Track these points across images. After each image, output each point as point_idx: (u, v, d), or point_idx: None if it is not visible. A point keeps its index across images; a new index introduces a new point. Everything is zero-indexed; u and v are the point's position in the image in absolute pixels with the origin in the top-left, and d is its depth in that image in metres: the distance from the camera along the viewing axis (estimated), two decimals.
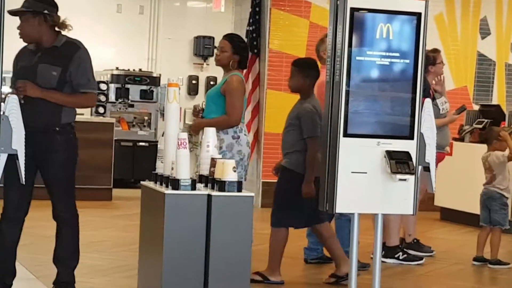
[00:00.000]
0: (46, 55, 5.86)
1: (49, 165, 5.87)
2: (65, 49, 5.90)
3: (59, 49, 5.88)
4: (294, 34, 11.45)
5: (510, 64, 12.51)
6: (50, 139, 5.84)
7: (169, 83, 5.72)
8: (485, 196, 8.09)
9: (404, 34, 5.83)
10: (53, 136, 5.84)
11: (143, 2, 13.00)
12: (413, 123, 5.85)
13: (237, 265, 5.30)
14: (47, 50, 5.87)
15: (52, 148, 5.84)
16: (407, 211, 5.93)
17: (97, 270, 6.97)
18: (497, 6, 12.46)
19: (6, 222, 5.92)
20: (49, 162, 5.86)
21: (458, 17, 12.23)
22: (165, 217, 5.23)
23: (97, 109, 12.63)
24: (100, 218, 9.59)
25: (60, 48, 5.89)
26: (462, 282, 7.38)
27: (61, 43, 5.91)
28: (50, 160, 5.85)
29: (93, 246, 7.74)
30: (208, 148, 5.60)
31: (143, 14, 13.03)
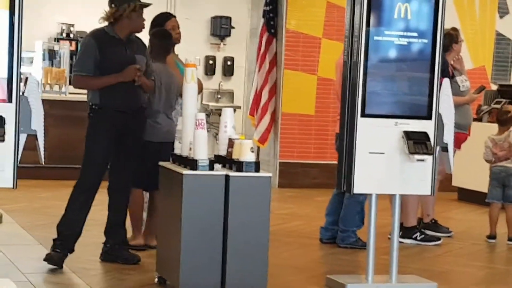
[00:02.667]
0: (132, 45, 6.29)
1: (132, 142, 6.34)
2: (139, 41, 6.41)
3: (136, 40, 6.38)
4: (312, 13, 11.39)
5: None
6: (140, 119, 6.39)
7: (187, 64, 5.73)
8: (503, 173, 8.07)
9: (422, 14, 5.83)
10: (141, 115, 6.41)
11: None
12: (431, 103, 5.86)
13: (255, 245, 5.32)
14: (131, 41, 6.31)
15: (139, 128, 6.41)
16: (425, 191, 5.94)
17: None
18: None
19: (88, 194, 6.27)
20: (134, 139, 6.35)
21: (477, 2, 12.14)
22: (183, 198, 5.26)
23: None
24: None
25: (137, 39, 6.40)
26: (480, 262, 7.37)
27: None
28: (134, 138, 6.36)
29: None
30: (225, 129, 5.61)
31: None
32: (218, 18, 12.98)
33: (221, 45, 13.19)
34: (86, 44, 6.31)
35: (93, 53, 6.16)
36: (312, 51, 11.36)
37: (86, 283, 5.73)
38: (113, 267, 6.37)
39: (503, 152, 8.10)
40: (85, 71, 6.19)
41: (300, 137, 11.33)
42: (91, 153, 6.20)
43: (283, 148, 11.33)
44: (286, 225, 8.36)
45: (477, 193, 9.81)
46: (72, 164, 10.62)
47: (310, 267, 6.83)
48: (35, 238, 7.24)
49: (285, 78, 11.29)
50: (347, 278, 6.02)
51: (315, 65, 11.33)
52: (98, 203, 7.26)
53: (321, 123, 11.06)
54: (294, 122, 11.35)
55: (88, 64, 6.17)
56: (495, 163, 8.13)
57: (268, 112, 11.35)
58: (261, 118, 11.34)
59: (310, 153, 11.29)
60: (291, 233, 8.07)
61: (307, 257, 7.27)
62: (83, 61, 6.22)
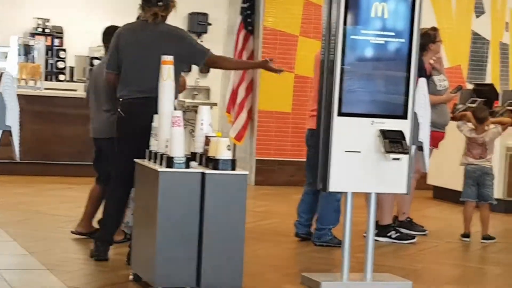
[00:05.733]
0: None
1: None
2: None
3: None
4: (289, 11, 11.42)
5: (504, 43, 12.51)
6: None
7: (163, 61, 5.70)
8: (478, 172, 8.13)
9: (399, 13, 5.84)
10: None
11: None
12: (407, 102, 5.88)
13: (231, 243, 5.33)
14: None
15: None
16: (400, 190, 5.96)
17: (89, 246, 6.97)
18: None
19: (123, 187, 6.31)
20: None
21: None
22: (159, 195, 5.25)
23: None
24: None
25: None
26: (454, 260, 7.42)
27: None
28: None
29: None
30: (202, 126, 5.61)
31: None
32: (195, 14, 12.99)
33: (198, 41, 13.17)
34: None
35: None
36: (289, 49, 11.39)
37: (61, 280, 5.70)
38: (88, 264, 6.35)
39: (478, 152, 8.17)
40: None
41: (276, 135, 11.36)
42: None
43: (260, 146, 11.35)
44: (262, 222, 8.38)
45: (451, 191, 9.88)
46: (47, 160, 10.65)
47: (286, 265, 6.85)
48: (9, 234, 7.20)
49: (262, 75, 11.29)
50: (322, 276, 6.03)
51: (292, 63, 11.36)
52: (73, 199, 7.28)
53: (297, 121, 11.08)
54: (270, 120, 11.38)
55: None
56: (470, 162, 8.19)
57: (245, 109, 11.37)
58: (238, 115, 11.35)
59: (286, 151, 11.32)
60: (267, 230, 8.09)
61: (283, 254, 7.29)
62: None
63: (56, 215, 8.26)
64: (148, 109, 5.92)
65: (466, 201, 8.21)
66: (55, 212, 8.47)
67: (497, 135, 8.26)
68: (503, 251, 7.83)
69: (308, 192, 7.71)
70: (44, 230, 7.56)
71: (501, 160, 9.74)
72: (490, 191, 8.16)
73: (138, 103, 6.12)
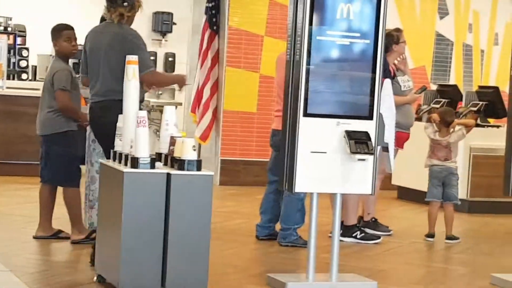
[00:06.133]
0: None
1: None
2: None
3: None
4: (254, 11, 11.42)
5: (468, 44, 12.61)
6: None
7: (128, 61, 5.66)
8: (444, 172, 8.19)
9: (364, 15, 5.86)
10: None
11: None
12: (372, 103, 5.90)
13: (196, 244, 5.30)
14: None
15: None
16: (365, 191, 5.99)
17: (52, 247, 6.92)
18: None
19: None
20: None
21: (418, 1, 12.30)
22: (123, 196, 5.21)
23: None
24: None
25: None
26: (418, 261, 7.47)
27: None
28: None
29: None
30: (167, 127, 5.58)
31: None
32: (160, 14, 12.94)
33: (163, 41, 13.16)
34: (142, 41, 6.16)
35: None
36: (254, 49, 11.39)
37: (24, 282, 5.65)
38: (52, 265, 6.31)
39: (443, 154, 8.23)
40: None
41: (241, 135, 11.36)
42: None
43: (225, 146, 11.34)
44: (227, 223, 8.37)
45: (416, 191, 9.95)
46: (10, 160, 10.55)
47: (251, 266, 6.85)
48: None
49: (227, 75, 11.29)
50: (288, 276, 6.04)
51: (257, 63, 11.36)
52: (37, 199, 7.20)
53: (263, 121, 11.08)
54: (236, 120, 11.37)
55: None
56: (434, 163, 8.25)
57: (210, 109, 11.33)
58: (203, 115, 11.31)
59: (251, 151, 11.33)
60: (233, 231, 8.08)
61: (248, 255, 7.29)
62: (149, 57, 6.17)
63: (20, 216, 8.17)
64: (104, 113, 6.02)
65: (431, 201, 8.27)
66: (18, 212, 8.39)
67: (462, 137, 8.32)
68: (467, 251, 7.89)
69: (269, 192, 7.73)
70: (7, 231, 7.49)
71: (465, 160, 9.82)
72: (455, 191, 8.23)
73: (97, 107, 6.15)
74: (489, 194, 9.79)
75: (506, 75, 11.88)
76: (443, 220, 8.23)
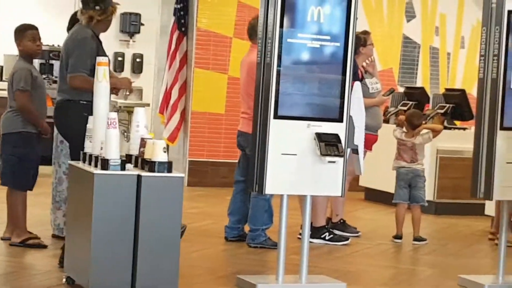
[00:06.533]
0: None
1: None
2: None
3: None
4: (223, 13, 11.42)
5: (435, 47, 12.70)
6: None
7: (98, 62, 5.64)
8: (410, 174, 8.25)
9: (334, 18, 5.90)
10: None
11: None
12: (342, 105, 5.93)
13: (166, 245, 5.31)
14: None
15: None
16: (336, 192, 6.02)
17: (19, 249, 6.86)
18: None
19: None
20: None
21: (384, 0, 12.36)
22: (94, 197, 5.20)
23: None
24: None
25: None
26: (386, 262, 7.51)
27: None
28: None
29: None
30: (138, 128, 5.58)
31: None
32: (128, 14, 12.83)
33: (130, 42, 13.07)
34: (87, 44, 6.12)
35: (93, 54, 5.97)
36: (222, 50, 11.39)
37: None
38: (21, 267, 6.27)
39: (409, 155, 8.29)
40: (88, 71, 6.00)
41: (210, 136, 11.35)
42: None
43: (193, 147, 11.32)
44: (196, 224, 8.35)
45: (383, 193, 10.00)
46: None
47: (220, 267, 6.85)
48: None
49: (196, 76, 11.28)
50: (257, 278, 6.06)
51: (225, 64, 11.35)
52: None
53: (231, 122, 11.06)
54: (204, 121, 11.36)
55: (90, 64, 5.99)
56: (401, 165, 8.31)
57: (178, 111, 11.32)
58: (171, 116, 11.30)
59: (219, 152, 11.32)
60: (201, 232, 8.06)
61: (218, 256, 7.29)
62: (86, 60, 6.03)
63: None
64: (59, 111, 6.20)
65: (398, 203, 8.32)
66: None
67: (428, 141, 8.39)
68: (434, 252, 7.95)
69: (236, 192, 7.75)
70: None
71: (432, 162, 9.88)
72: (422, 193, 8.30)
73: (56, 107, 6.31)
74: (456, 195, 9.87)
75: (472, 78, 12.04)
76: (410, 221, 8.28)
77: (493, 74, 6.26)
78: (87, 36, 6.13)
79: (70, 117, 6.11)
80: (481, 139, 6.32)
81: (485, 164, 6.29)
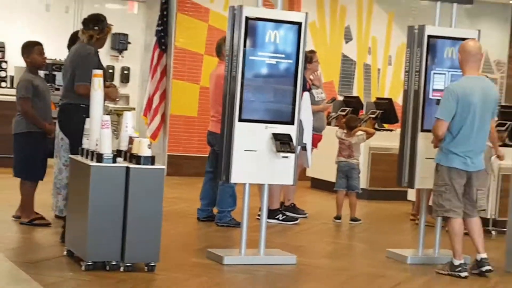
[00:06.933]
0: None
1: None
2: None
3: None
4: (196, 34, 11.38)
5: (367, 64, 12.77)
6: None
7: (95, 74, 5.62)
8: (346, 167, 8.29)
9: (288, 39, 5.89)
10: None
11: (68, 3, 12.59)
12: (293, 111, 5.92)
13: (150, 225, 5.28)
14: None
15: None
16: (288, 181, 6.02)
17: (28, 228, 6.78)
18: (358, 17, 12.69)
19: None
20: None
21: (327, 25, 12.40)
22: (90, 185, 5.17)
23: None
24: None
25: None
26: (328, 238, 7.52)
27: None
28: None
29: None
30: (127, 129, 5.54)
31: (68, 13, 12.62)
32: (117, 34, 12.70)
33: (120, 57, 12.94)
34: (91, 58, 5.99)
35: (95, 67, 5.83)
36: (195, 65, 11.36)
37: (5, 255, 5.54)
38: (29, 242, 6.19)
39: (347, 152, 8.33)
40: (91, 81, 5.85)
41: (184, 135, 11.31)
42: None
43: (171, 143, 11.23)
44: (173, 207, 8.30)
45: (326, 182, 10.03)
46: None
47: (193, 242, 6.83)
48: None
49: (173, 86, 11.17)
50: (224, 251, 6.04)
51: (198, 77, 11.33)
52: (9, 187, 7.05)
53: (202, 123, 11.04)
54: (180, 122, 11.31)
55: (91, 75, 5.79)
56: (341, 160, 8.35)
57: (159, 114, 11.20)
58: (153, 118, 11.18)
59: (193, 148, 11.30)
60: (178, 214, 8.02)
61: (191, 234, 7.26)
62: (89, 72, 5.82)
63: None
64: (62, 113, 6.12)
65: (338, 190, 8.36)
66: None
67: (362, 140, 8.43)
68: (367, 230, 8.00)
69: (206, 181, 7.72)
70: None
71: (366, 157, 9.94)
72: (357, 182, 8.33)
73: (60, 110, 6.23)
74: (385, 184, 9.91)
75: (397, 89, 12.15)
76: (348, 205, 8.33)
77: (415, 87, 6.31)
78: (90, 52, 6.05)
79: (72, 118, 6.02)
80: (405, 139, 6.38)
81: (409, 159, 6.34)
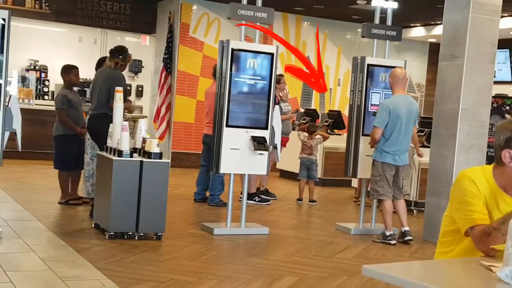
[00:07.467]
0: None
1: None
2: None
3: None
4: (193, 61, 11.36)
5: None
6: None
7: (116, 90, 5.60)
8: (307, 162, 8.33)
9: (263, 65, 5.92)
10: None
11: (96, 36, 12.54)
12: (267, 119, 5.96)
13: (159, 204, 5.28)
14: None
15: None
16: (263, 172, 6.04)
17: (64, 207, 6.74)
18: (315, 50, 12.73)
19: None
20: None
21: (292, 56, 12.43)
22: (112, 174, 5.16)
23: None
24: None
25: None
26: (293, 215, 7.54)
27: None
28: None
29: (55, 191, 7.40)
30: (141, 132, 5.54)
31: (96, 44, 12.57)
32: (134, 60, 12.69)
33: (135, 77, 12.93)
34: (123, 81, 5.94)
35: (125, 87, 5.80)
36: (193, 84, 11.34)
37: (46, 227, 5.52)
38: (65, 217, 6.15)
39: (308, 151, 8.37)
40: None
41: (184, 136, 11.28)
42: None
43: (174, 143, 11.25)
44: (175, 191, 8.30)
45: (292, 173, 10.07)
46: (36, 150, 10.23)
47: (191, 218, 6.81)
48: (11, 197, 6.88)
49: (176, 100, 11.22)
50: (214, 224, 6.05)
51: (195, 93, 11.31)
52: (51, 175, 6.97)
53: (198, 128, 11.07)
54: (181, 127, 11.29)
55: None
56: (303, 156, 8.38)
57: (165, 121, 11.23)
58: (161, 124, 11.22)
59: (191, 146, 11.28)
60: (179, 196, 8.02)
61: (189, 211, 7.25)
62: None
63: (42, 185, 7.93)
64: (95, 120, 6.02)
65: (300, 179, 8.39)
66: (41, 183, 8.14)
67: (319, 142, 8.47)
68: (321, 209, 8.03)
69: (201, 172, 7.72)
70: (34, 194, 7.26)
71: (321, 155, 9.99)
72: (315, 173, 8.36)
73: (92, 117, 6.14)
74: (335, 174, 9.97)
75: (344, 104, 12.19)
76: (307, 190, 8.37)
77: (358, 102, 6.36)
78: (122, 77, 6.01)
79: (100, 124, 5.95)
80: (350, 141, 6.44)
81: (353, 156, 6.40)
